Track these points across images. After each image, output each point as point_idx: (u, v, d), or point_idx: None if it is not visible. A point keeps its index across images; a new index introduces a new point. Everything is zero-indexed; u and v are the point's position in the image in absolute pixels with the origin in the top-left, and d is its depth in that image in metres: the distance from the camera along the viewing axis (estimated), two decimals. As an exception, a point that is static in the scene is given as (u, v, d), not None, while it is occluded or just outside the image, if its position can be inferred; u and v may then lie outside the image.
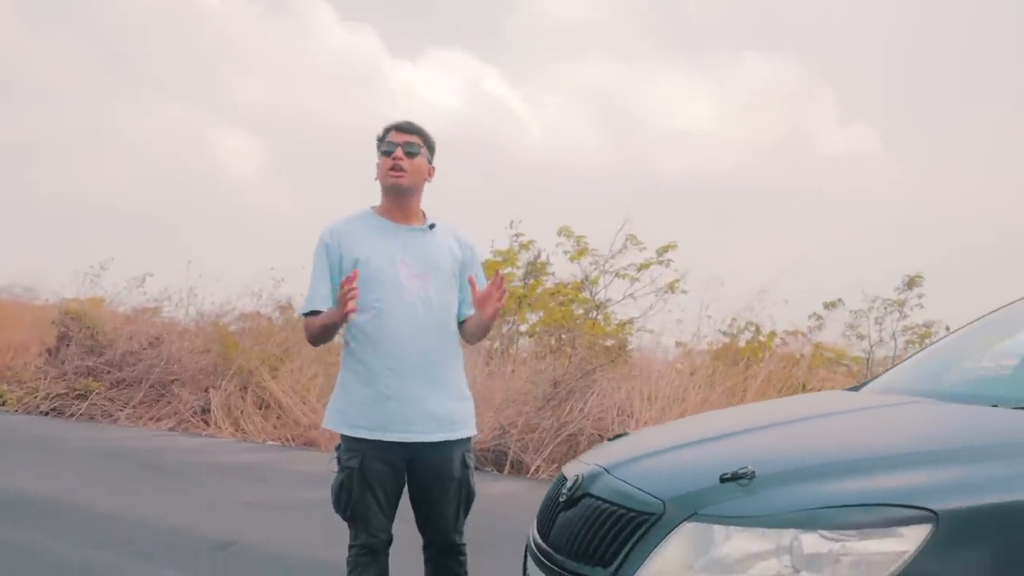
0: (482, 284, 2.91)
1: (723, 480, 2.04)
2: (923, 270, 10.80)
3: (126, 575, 4.02)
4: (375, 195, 2.94)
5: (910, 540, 1.79)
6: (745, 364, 9.17)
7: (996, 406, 2.45)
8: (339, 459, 2.78)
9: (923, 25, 24.61)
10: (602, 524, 2.19)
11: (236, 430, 9.04)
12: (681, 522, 2.01)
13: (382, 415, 2.75)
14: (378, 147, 2.89)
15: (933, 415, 2.51)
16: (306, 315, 2.85)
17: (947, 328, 10.06)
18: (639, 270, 11.99)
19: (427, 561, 2.92)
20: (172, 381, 10.11)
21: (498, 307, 2.83)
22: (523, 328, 12.14)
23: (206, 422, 9.30)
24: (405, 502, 2.86)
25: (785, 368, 9.21)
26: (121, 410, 9.82)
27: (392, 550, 2.82)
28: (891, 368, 3.42)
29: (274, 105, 25.35)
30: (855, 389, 3.25)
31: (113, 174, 22.85)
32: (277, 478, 6.69)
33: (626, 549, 2.07)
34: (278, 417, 9.24)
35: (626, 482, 2.26)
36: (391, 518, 2.81)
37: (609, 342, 11.76)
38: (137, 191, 23.05)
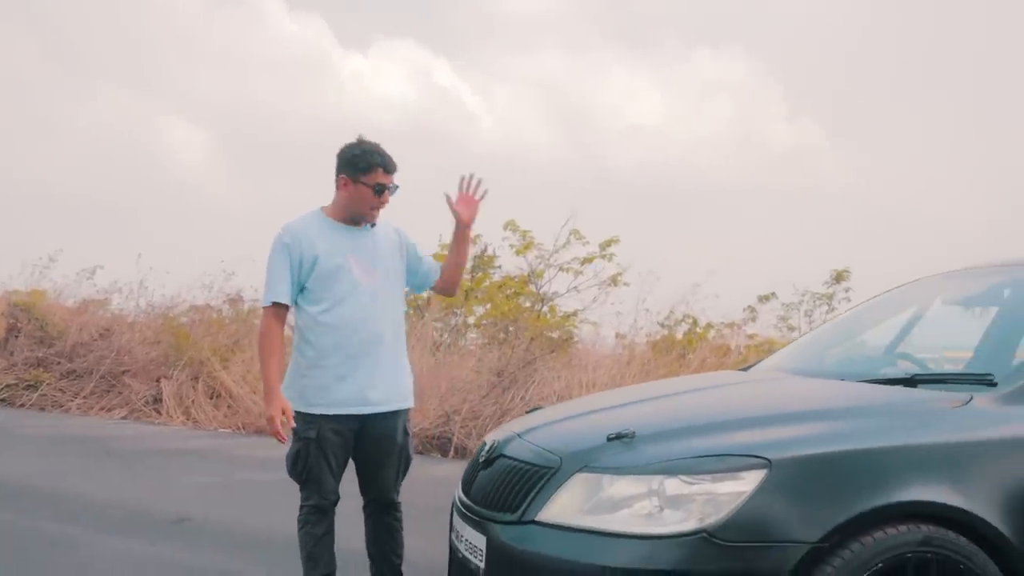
0: (424, 261, 3.40)
1: (609, 439, 2.53)
2: (862, 264, 11.55)
3: (90, 547, 4.38)
4: (324, 185, 3.35)
5: (748, 482, 2.30)
6: (679, 353, 9.76)
7: (843, 380, 2.99)
8: (295, 431, 3.21)
9: (870, 21, 25.51)
10: (512, 478, 2.67)
11: (187, 419, 9.36)
12: (574, 473, 2.50)
13: (338, 393, 3.19)
14: (361, 171, 3.20)
15: (790, 387, 3.05)
16: (268, 307, 3.25)
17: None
18: (582, 264, 12.55)
19: (368, 517, 3.38)
20: (123, 372, 10.36)
21: (475, 209, 3.35)
22: (471, 321, 12.58)
23: (157, 411, 9.59)
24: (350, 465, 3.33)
25: (717, 357, 9.82)
26: (72, 400, 10.05)
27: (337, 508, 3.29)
28: (778, 350, 3.96)
29: (223, 95, 25.38)
30: (745, 369, 3.78)
31: (59, 163, 22.72)
32: (228, 461, 7.06)
33: (530, 496, 2.55)
34: (229, 406, 9.56)
35: (532, 444, 2.75)
36: (339, 481, 3.26)
37: (555, 334, 12.30)
38: (84, 180, 22.97)
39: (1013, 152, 23.53)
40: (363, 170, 3.22)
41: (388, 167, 3.23)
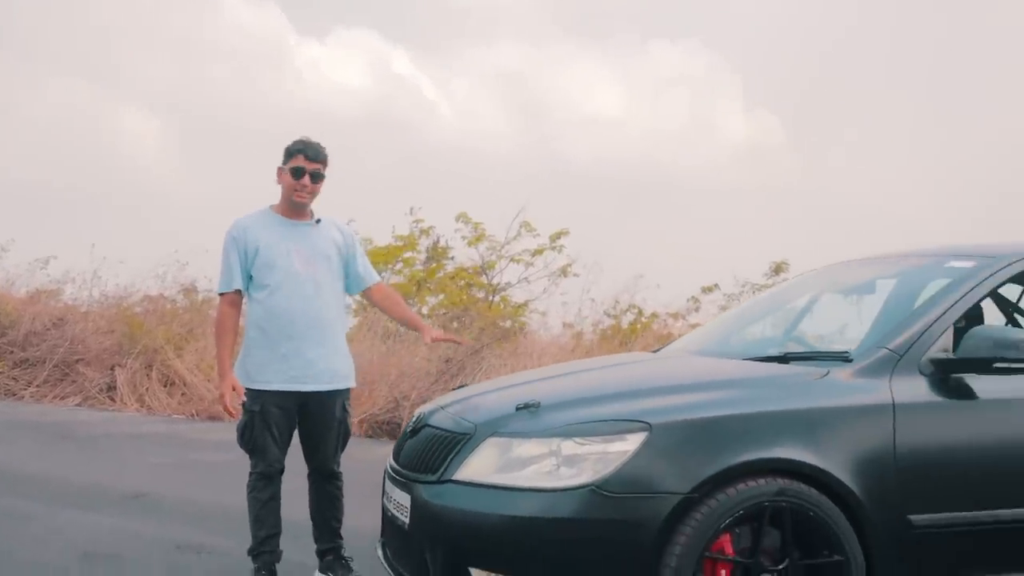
0: (361, 262, 3.77)
1: (518, 409, 2.95)
2: (811, 257, 12.11)
3: (53, 520, 4.70)
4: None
5: (632, 443, 2.72)
6: (622, 341, 10.23)
7: (729, 358, 3.43)
8: (244, 405, 3.57)
9: (827, 15, 26.20)
10: (434, 444, 3.07)
11: (141, 406, 9.61)
12: (486, 438, 2.91)
13: (281, 372, 3.57)
14: (287, 159, 3.63)
15: (682, 364, 3.49)
16: (223, 294, 3.63)
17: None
18: (533, 255, 12.99)
19: (311, 485, 3.77)
20: (77, 361, 10.56)
21: (434, 337, 3.86)
22: (425, 311, 12.93)
23: (111, 399, 9.83)
24: (295, 439, 3.70)
25: (660, 344, 10.29)
26: (25, 389, 10.23)
27: (283, 477, 3.66)
28: (686, 334, 4.40)
29: (176, 83, 25.31)
30: (656, 351, 4.21)
31: (10, 152, 22.58)
32: (183, 444, 7.37)
33: (448, 459, 2.95)
34: (183, 394, 9.83)
35: (452, 414, 3.16)
36: (284, 451, 3.63)
37: (508, 323, 12.73)
38: (35, 169, 22.84)
39: (969, 148, 24.35)
40: (288, 157, 3.62)
41: (308, 154, 3.60)
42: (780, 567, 2.75)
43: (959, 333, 3.10)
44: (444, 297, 13.05)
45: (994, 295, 4.08)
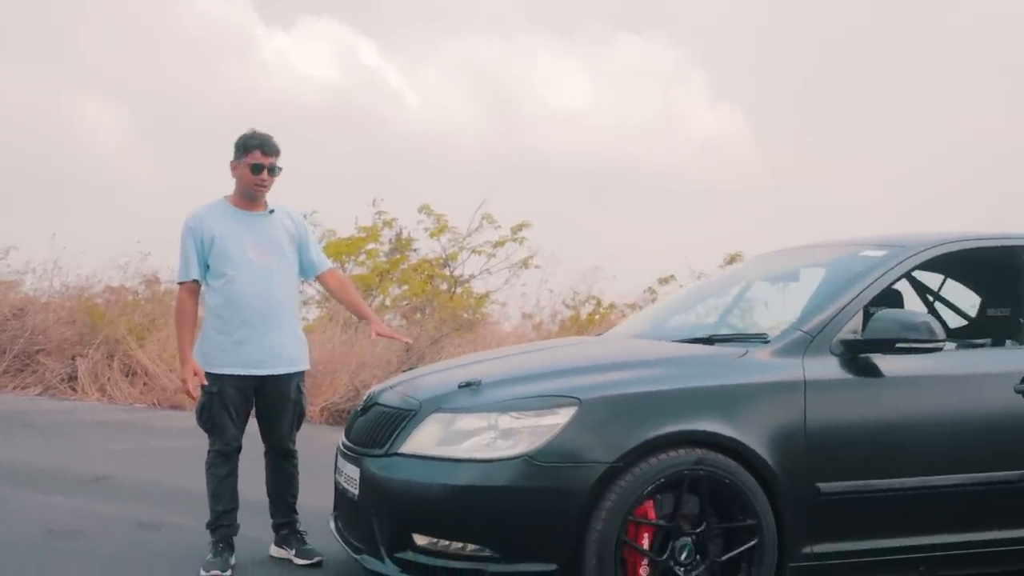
0: (313, 249, 3.97)
1: (459, 387, 3.18)
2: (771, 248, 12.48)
3: (18, 501, 4.85)
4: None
5: (562, 417, 2.96)
6: (580, 331, 10.51)
7: (661, 340, 3.69)
8: (203, 386, 3.77)
9: (793, 11, 26.63)
10: (382, 421, 3.30)
11: (103, 395, 9.72)
12: (430, 414, 3.14)
13: (237, 356, 3.76)
14: (241, 153, 3.79)
15: (617, 345, 3.74)
16: (182, 283, 3.82)
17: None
18: (495, 247, 13.23)
19: (268, 463, 3.97)
20: (37, 351, 10.61)
21: (383, 334, 4.08)
22: (387, 302, 13.11)
23: (73, 388, 9.91)
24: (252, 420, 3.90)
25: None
26: (-15, 379, 10.30)
27: (241, 455, 3.86)
28: (628, 319, 4.65)
29: (139, 72, 25.18)
30: (599, 335, 4.46)
31: (-36, 140, 22.34)
32: (144, 431, 7.52)
33: (395, 434, 3.18)
34: (145, 383, 9.94)
35: (399, 393, 3.39)
36: (241, 431, 3.83)
37: (469, 314, 12.95)
38: (-9, 158, 22.63)
39: (931, 144, 24.93)
40: (243, 151, 3.79)
41: (265, 149, 3.78)
42: (698, 530, 3.00)
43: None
44: (407, 288, 13.24)
45: (915, 283, 4.40)
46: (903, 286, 4.26)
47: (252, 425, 3.93)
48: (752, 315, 4.14)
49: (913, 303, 4.44)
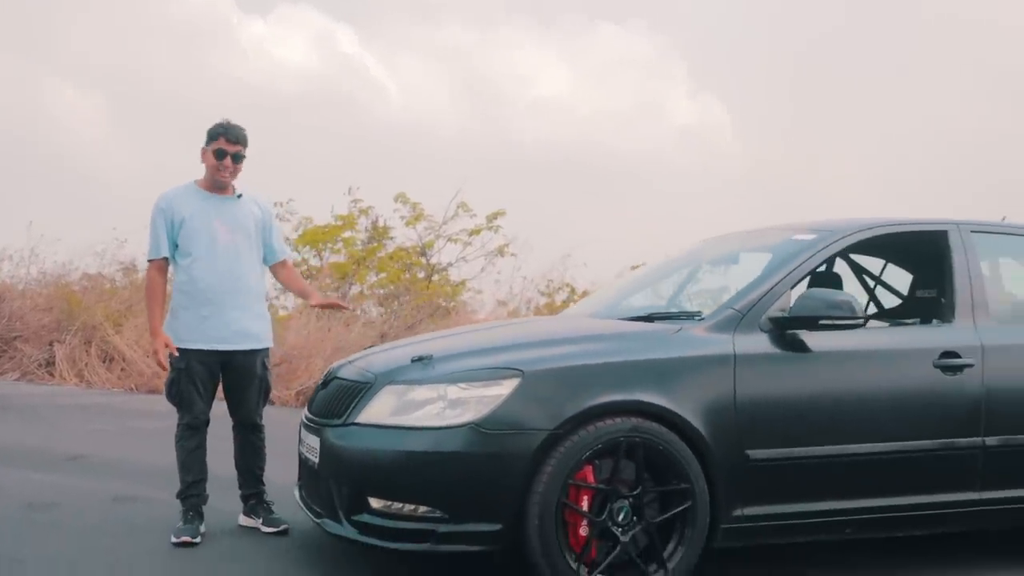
0: (276, 236, 4.18)
1: (413, 361, 3.40)
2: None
3: (-4, 478, 5.07)
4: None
5: (506, 387, 3.19)
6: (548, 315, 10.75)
7: (607, 318, 3.93)
8: (172, 362, 3.98)
9: (774, 1, 26.89)
10: (340, 393, 3.52)
11: (81, 380, 9.89)
12: (384, 386, 3.36)
13: (204, 332, 3.98)
14: (209, 141, 4.02)
15: (562, 323, 3.98)
16: (151, 261, 4.03)
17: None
18: (470, 235, 13.46)
19: (236, 436, 4.19)
20: (14, 337, 10.77)
21: (321, 304, 4.33)
22: (361, 290, 13.30)
23: (51, 374, 10.08)
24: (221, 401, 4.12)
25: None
26: (-37, 365, 10.44)
27: (210, 428, 4.08)
28: (583, 300, 4.89)
29: (115, 59, 25.21)
30: (556, 315, 4.70)
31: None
32: (121, 414, 7.71)
33: (352, 405, 3.40)
34: (122, 369, 10.12)
35: (357, 367, 3.61)
36: (209, 405, 4.05)
37: (445, 301, 13.18)
38: (-34, 146, 22.61)
39: (908, 133, 25.28)
40: (210, 138, 4.02)
41: (229, 136, 4.00)
42: (635, 494, 3.24)
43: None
44: (384, 276, 13.44)
45: (854, 266, 4.66)
46: (846, 270, 4.53)
47: (222, 406, 4.14)
48: (696, 295, 4.37)
49: (853, 285, 4.71)
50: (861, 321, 3.50)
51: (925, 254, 4.14)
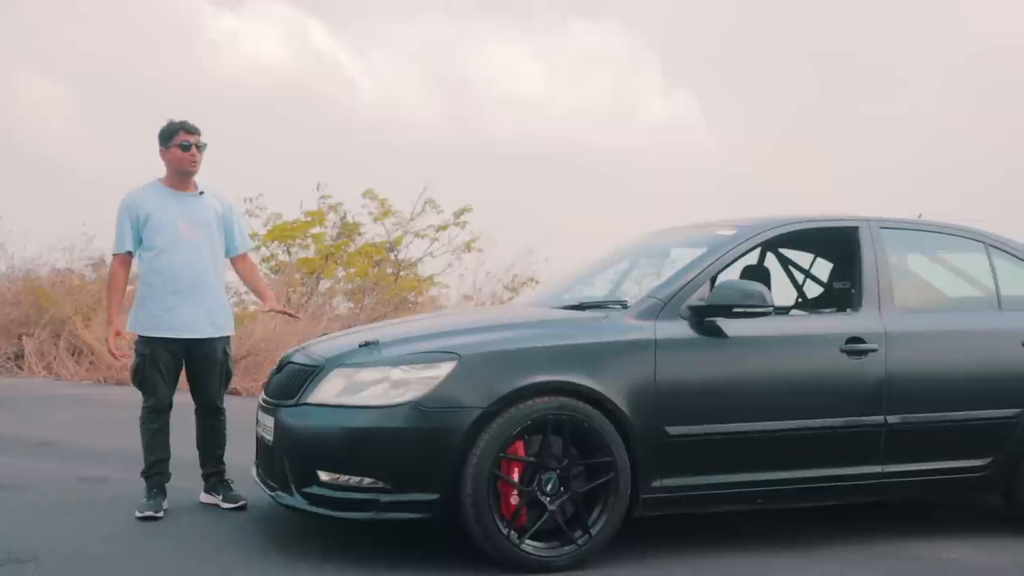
0: (237, 230, 4.48)
1: (360, 346, 3.72)
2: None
3: (-37, 462, 5.33)
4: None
5: (444, 369, 3.51)
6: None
7: (545, 307, 4.28)
8: (136, 349, 4.28)
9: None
10: (293, 376, 3.84)
11: (49, 373, 10.13)
12: (333, 369, 3.68)
13: (168, 321, 4.28)
14: (168, 138, 4.31)
15: (503, 311, 4.32)
16: (115, 255, 4.33)
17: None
18: (437, 231, 13.76)
19: (198, 419, 4.49)
20: (-17, 331, 10.98)
21: (274, 308, 4.66)
22: (329, 284, 13.55)
23: (19, 367, 10.31)
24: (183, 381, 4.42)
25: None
26: (-69, 358, 10.63)
27: (172, 414, 4.38)
28: (530, 291, 5.23)
29: (85, 53, 25.20)
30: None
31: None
32: (89, 404, 7.97)
33: (303, 387, 3.72)
34: (91, 363, 10.37)
35: (309, 352, 3.93)
36: (172, 389, 4.35)
37: (417, 297, 13.48)
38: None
39: (882, 127, 25.78)
40: (170, 137, 4.32)
41: (188, 128, 4.32)
42: (562, 466, 3.58)
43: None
44: (353, 271, 13.71)
45: (782, 259, 5.03)
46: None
47: (185, 396, 4.44)
48: (633, 286, 4.71)
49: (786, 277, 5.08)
50: (770, 309, 3.85)
51: (839, 248, 4.52)
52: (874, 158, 25.14)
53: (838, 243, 4.47)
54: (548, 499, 3.55)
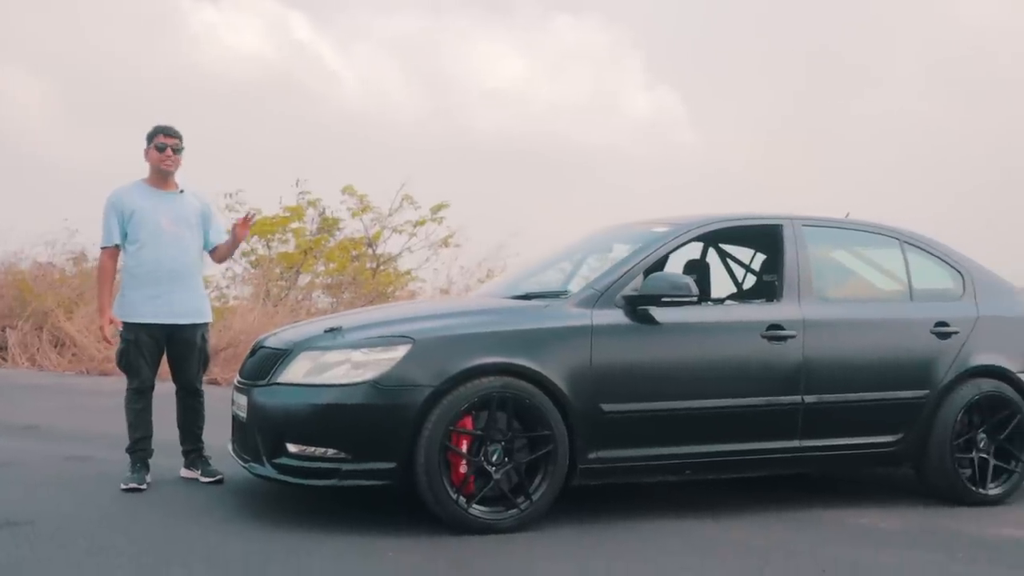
0: (214, 226, 4.93)
1: (325, 331, 4.18)
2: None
3: (-46, 444, 5.75)
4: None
5: (399, 352, 3.97)
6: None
7: (498, 296, 4.75)
8: (122, 334, 4.72)
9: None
10: (265, 359, 4.29)
11: (33, 364, 10.53)
12: (300, 352, 4.14)
13: (152, 308, 4.72)
14: (149, 141, 4.78)
15: (458, 300, 4.79)
16: (104, 248, 4.77)
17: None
18: (415, 227, 14.21)
19: (178, 401, 4.94)
20: (-34, 324, 11.34)
21: (245, 233, 4.97)
22: (309, 279, 13.97)
23: (3, 358, 10.69)
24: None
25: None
26: (-86, 350, 10.99)
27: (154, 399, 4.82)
28: (489, 282, 5.71)
29: (64, 45, 25.46)
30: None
31: None
32: (72, 392, 8.38)
33: (274, 368, 4.17)
34: (74, 354, 10.77)
35: (279, 338, 4.40)
36: (154, 372, 4.79)
37: (395, 291, 13.91)
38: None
39: (863, 125, 26.34)
40: (151, 138, 4.80)
41: (167, 132, 4.80)
42: (506, 439, 4.04)
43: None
44: (333, 266, 14.14)
45: (724, 254, 5.51)
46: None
47: (166, 385, 4.88)
48: (580, 279, 5.17)
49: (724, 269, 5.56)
50: (695, 298, 4.33)
51: (766, 244, 5.01)
52: (858, 155, 25.72)
53: (766, 239, 4.96)
54: (494, 468, 4.01)
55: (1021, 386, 4.87)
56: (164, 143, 4.77)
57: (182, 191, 4.88)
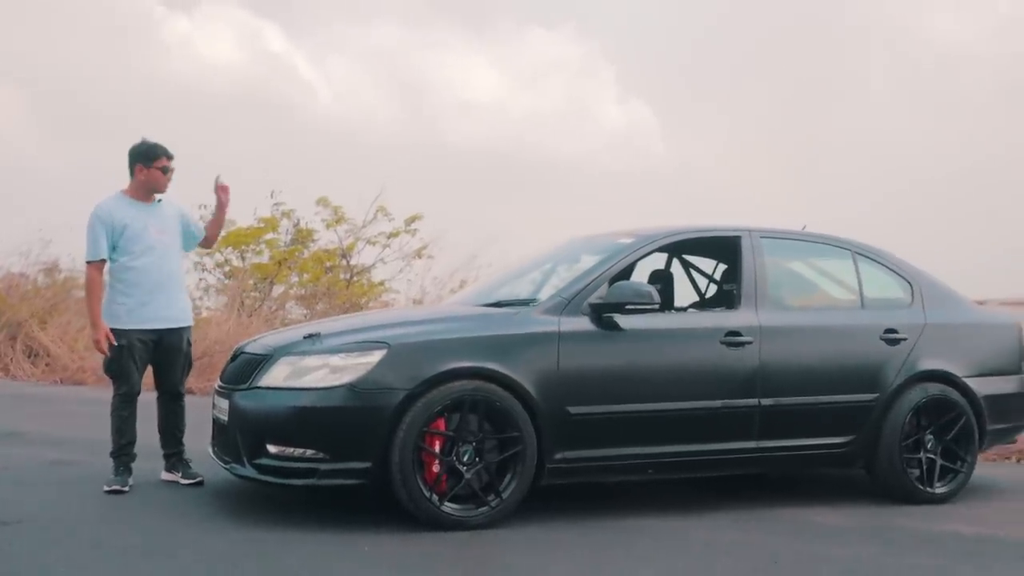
0: (194, 222, 5.17)
1: (304, 337, 4.41)
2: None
3: (-62, 449, 5.90)
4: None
5: (375, 357, 4.20)
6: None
7: (471, 304, 5.00)
8: (110, 342, 4.91)
9: (702, 6, 28.30)
10: (246, 364, 4.51)
11: (6, 374, 10.63)
12: (280, 357, 4.36)
13: (142, 314, 4.92)
14: (150, 159, 4.97)
15: (428, 308, 5.02)
16: (91, 263, 4.94)
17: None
18: (389, 238, 14.43)
19: (161, 404, 5.14)
20: (-62, 334, 11.42)
21: (227, 197, 5.26)
22: (282, 290, 14.13)
23: (-24, 369, 10.80)
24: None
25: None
26: None
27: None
28: (463, 290, 5.95)
29: (35, 54, 25.48)
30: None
31: None
32: (50, 401, 8.52)
33: (255, 373, 4.39)
34: (47, 364, 10.89)
35: (259, 344, 4.62)
36: (141, 378, 4.99)
37: (369, 302, 14.11)
38: None
39: (830, 137, 26.87)
40: (153, 159, 5.00)
41: (168, 155, 5.03)
42: (477, 440, 4.28)
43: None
44: (307, 277, 14.32)
45: (686, 264, 5.79)
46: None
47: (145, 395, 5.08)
48: (549, 288, 5.43)
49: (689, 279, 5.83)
50: (657, 306, 4.59)
51: (726, 255, 5.29)
52: (827, 166, 26.23)
53: (725, 250, 5.25)
54: (465, 468, 4.24)
55: (966, 390, 5.18)
56: (168, 166, 5.01)
57: (159, 200, 5.10)
